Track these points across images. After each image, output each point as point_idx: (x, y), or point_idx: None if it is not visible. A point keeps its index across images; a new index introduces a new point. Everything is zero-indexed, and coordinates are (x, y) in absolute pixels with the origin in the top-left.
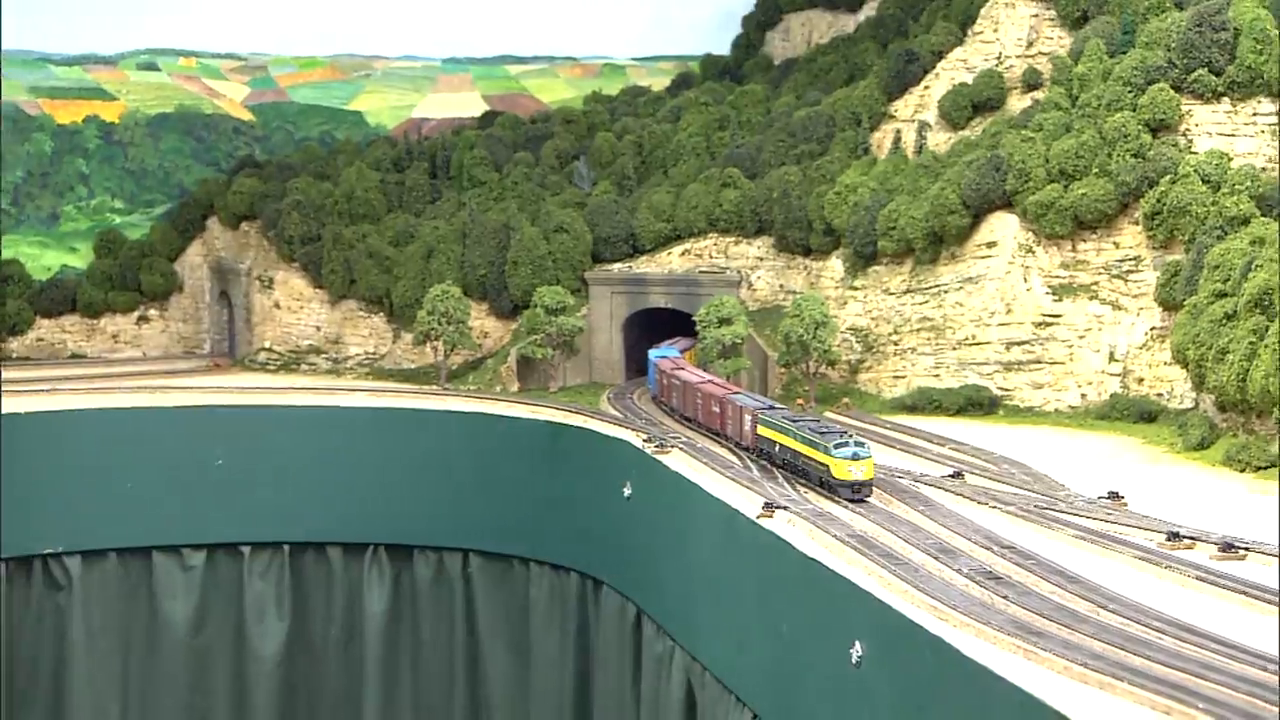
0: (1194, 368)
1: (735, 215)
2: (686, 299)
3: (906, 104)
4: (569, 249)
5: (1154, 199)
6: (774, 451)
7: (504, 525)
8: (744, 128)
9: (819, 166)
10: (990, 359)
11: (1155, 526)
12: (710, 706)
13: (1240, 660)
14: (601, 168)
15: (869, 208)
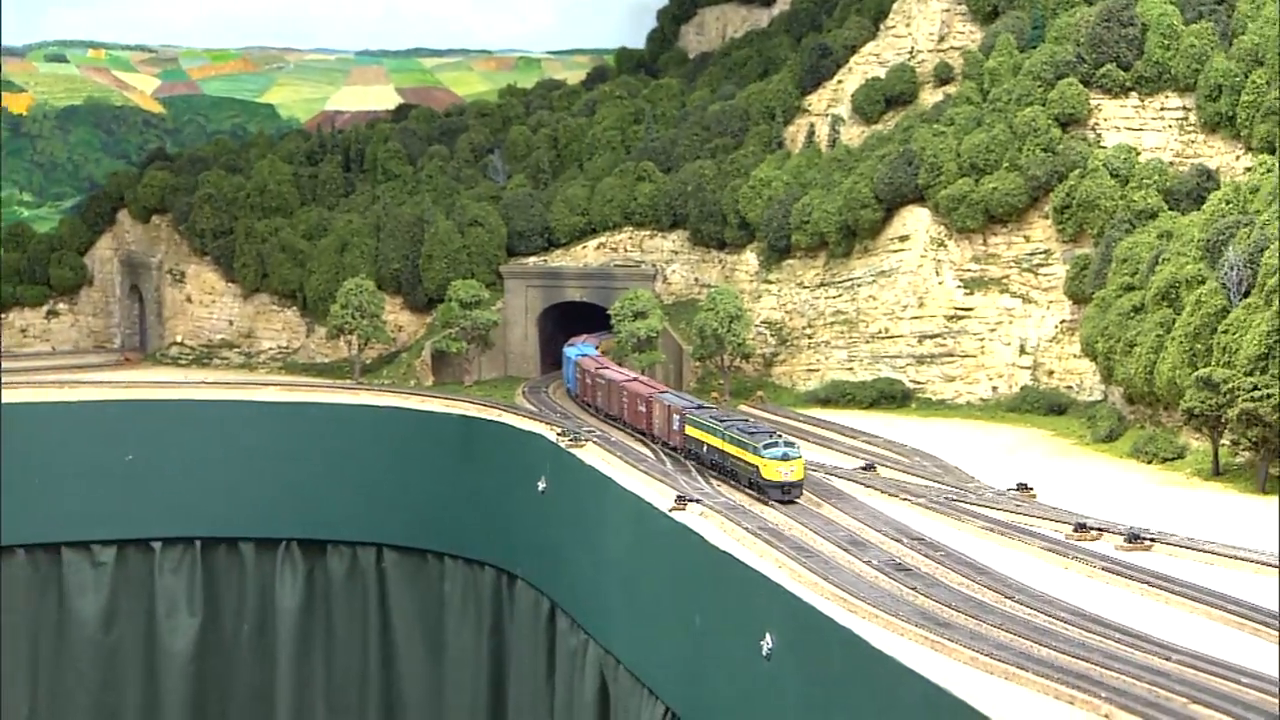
0: (1102, 360)
1: (650, 209)
2: (602, 292)
3: (820, 98)
4: (484, 242)
5: (1063, 193)
6: (702, 452)
7: (418, 520)
8: (659, 121)
9: (733, 160)
10: (903, 352)
11: (1063, 518)
12: (623, 700)
13: (1143, 650)
14: (516, 161)
15: (783, 201)
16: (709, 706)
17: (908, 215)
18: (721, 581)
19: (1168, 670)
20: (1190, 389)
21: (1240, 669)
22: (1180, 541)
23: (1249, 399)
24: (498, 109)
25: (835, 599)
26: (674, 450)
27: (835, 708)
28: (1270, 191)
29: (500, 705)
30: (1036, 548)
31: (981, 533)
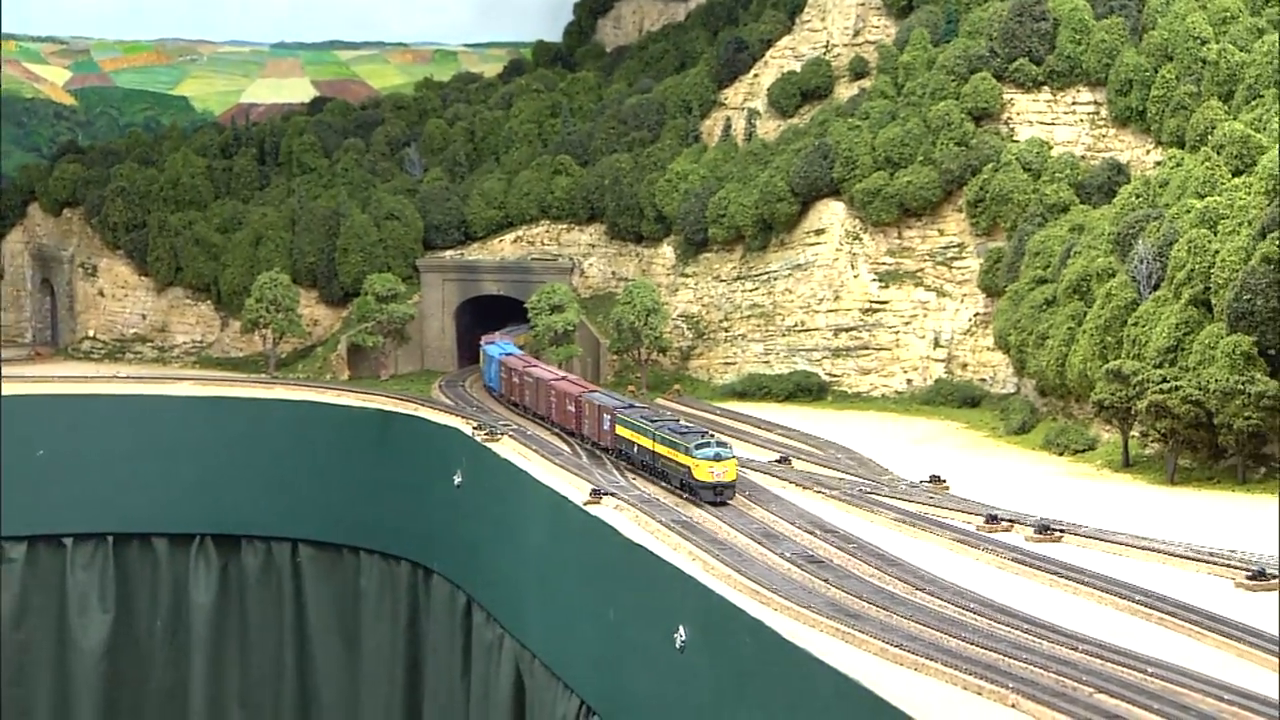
0: (1015, 353)
1: (567, 202)
2: (519, 286)
3: (736, 92)
4: (400, 236)
5: (977, 187)
6: (633, 453)
7: (334, 514)
8: (576, 115)
9: (650, 154)
10: (819, 345)
11: (974, 510)
12: (538, 694)
13: (1051, 640)
14: (433, 154)
15: (699, 195)
16: (623, 699)
17: (823, 209)
18: (636, 575)
19: (1074, 660)
20: (1100, 381)
21: (1146, 658)
22: (1089, 533)
23: (1158, 391)
24: (414, 102)
25: (748, 591)
26: (604, 451)
27: (748, 699)
28: (1179, 185)
29: (416, 700)
30: (948, 539)
31: (894, 525)
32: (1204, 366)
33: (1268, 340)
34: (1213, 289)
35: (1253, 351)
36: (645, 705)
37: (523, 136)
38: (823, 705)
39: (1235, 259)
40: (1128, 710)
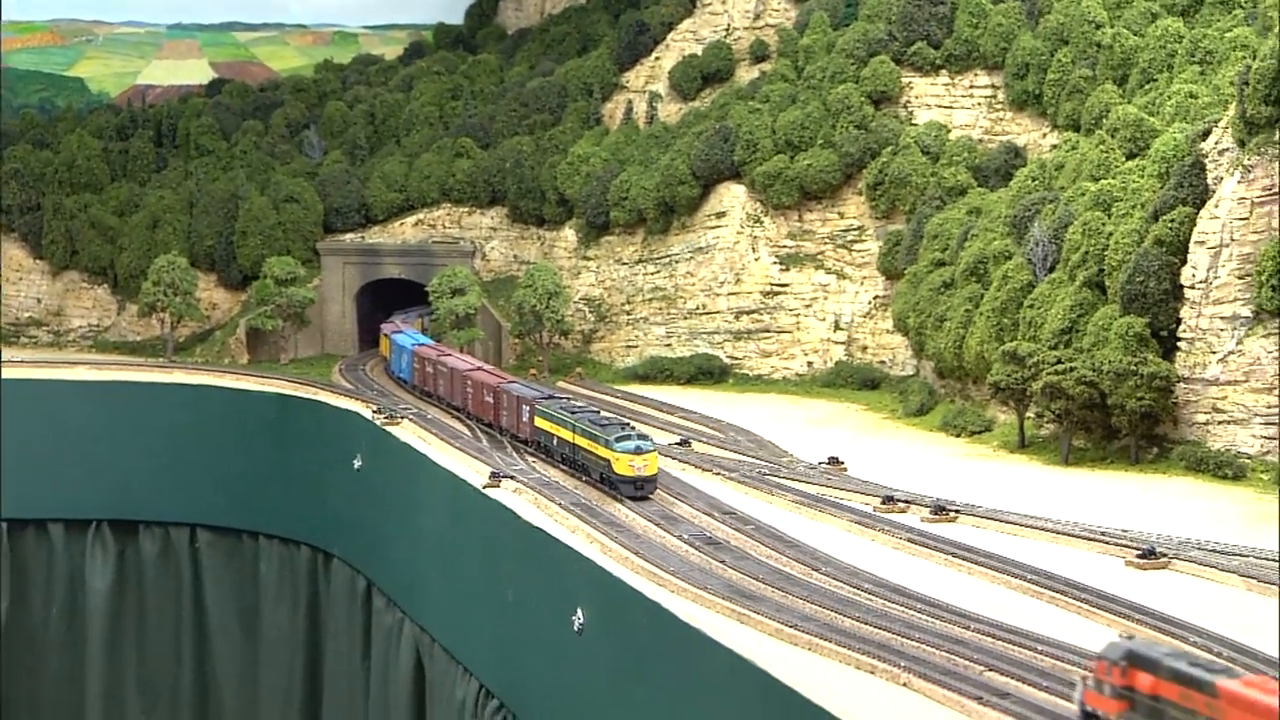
0: (914, 335)
1: (468, 185)
2: (420, 269)
3: (638, 75)
4: (300, 219)
5: (876, 170)
6: (552, 445)
7: (232, 499)
8: (477, 98)
9: (552, 137)
10: (720, 328)
11: (872, 491)
12: (438, 677)
13: (944, 619)
14: (333, 137)
15: (601, 178)
16: (521, 682)
17: (724, 192)
18: (534, 557)
19: (966, 639)
20: (997, 363)
21: (1037, 637)
22: (984, 513)
23: (1053, 372)
24: (314, 84)
25: (645, 574)
26: (523, 443)
27: (644, 680)
28: (1074, 168)
29: (315, 685)
30: (845, 521)
31: (792, 506)
32: (1098, 348)
33: (1160, 322)
34: (1107, 271)
35: (1145, 333)
36: (543, 687)
37: (423, 119)
38: (718, 685)
39: (1128, 241)
40: (1017, 688)
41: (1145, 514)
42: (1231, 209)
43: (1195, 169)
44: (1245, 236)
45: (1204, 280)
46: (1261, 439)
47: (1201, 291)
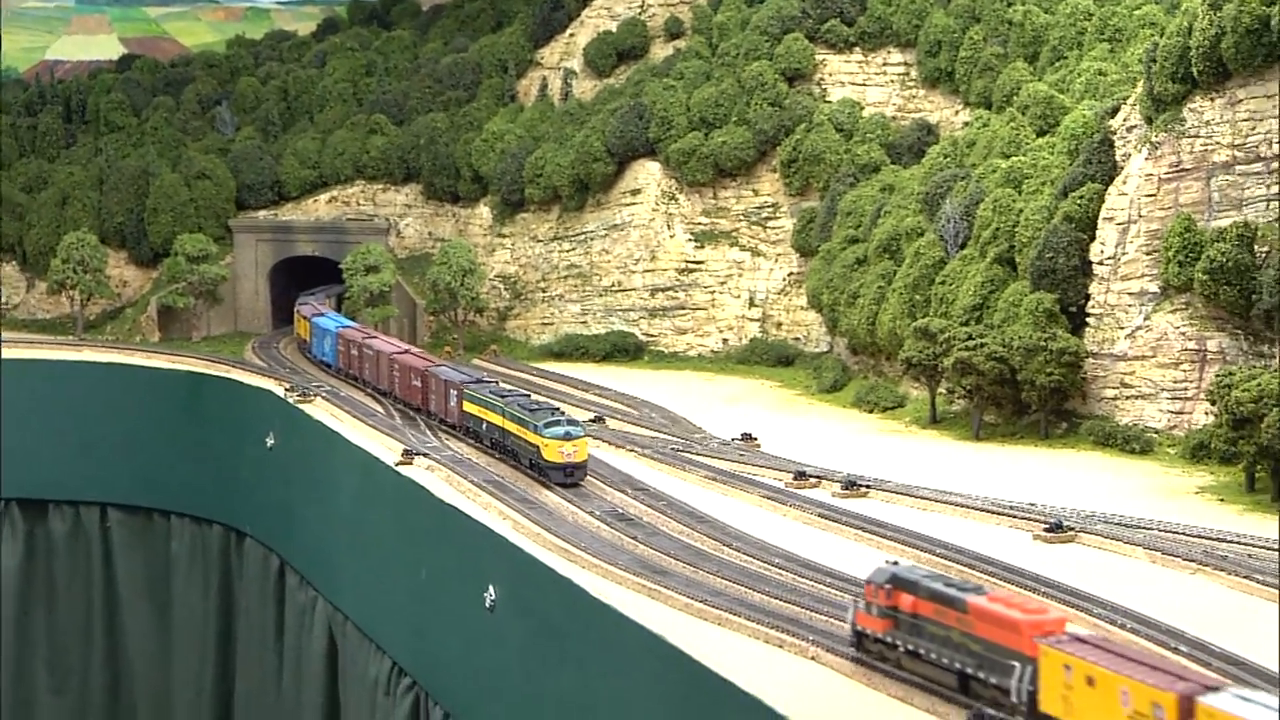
0: (828, 312)
1: (383, 162)
2: (334, 247)
3: (552, 51)
4: (212, 196)
5: (790, 147)
6: (481, 430)
7: (144, 478)
8: (391, 74)
9: (466, 113)
10: (635, 305)
11: (784, 466)
12: (351, 656)
13: (852, 594)
14: (245, 113)
15: (516, 155)
16: (434, 660)
17: (639, 169)
18: (447, 535)
19: None
20: (909, 339)
21: None
22: (895, 488)
23: (964, 348)
24: (226, 60)
25: (557, 550)
26: (452, 428)
27: (556, 657)
28: (986, 145)
29: (228, 664)
30: (757, 496)
31: (704, 482)
32: (1008, 324)
33: (1069, 298)
34: (1017, 248)
35: (1054, 309)
36: (455, 665)
37: (337, 95)
38: (629, 661)
39: (1038, 218)
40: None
41: (1054, 488)
42: (1139, 186)
43: (1104, 146)
44: (1153, 213)
45: (1112, 256)
46: (1168, 413)
47: (1110, 267)
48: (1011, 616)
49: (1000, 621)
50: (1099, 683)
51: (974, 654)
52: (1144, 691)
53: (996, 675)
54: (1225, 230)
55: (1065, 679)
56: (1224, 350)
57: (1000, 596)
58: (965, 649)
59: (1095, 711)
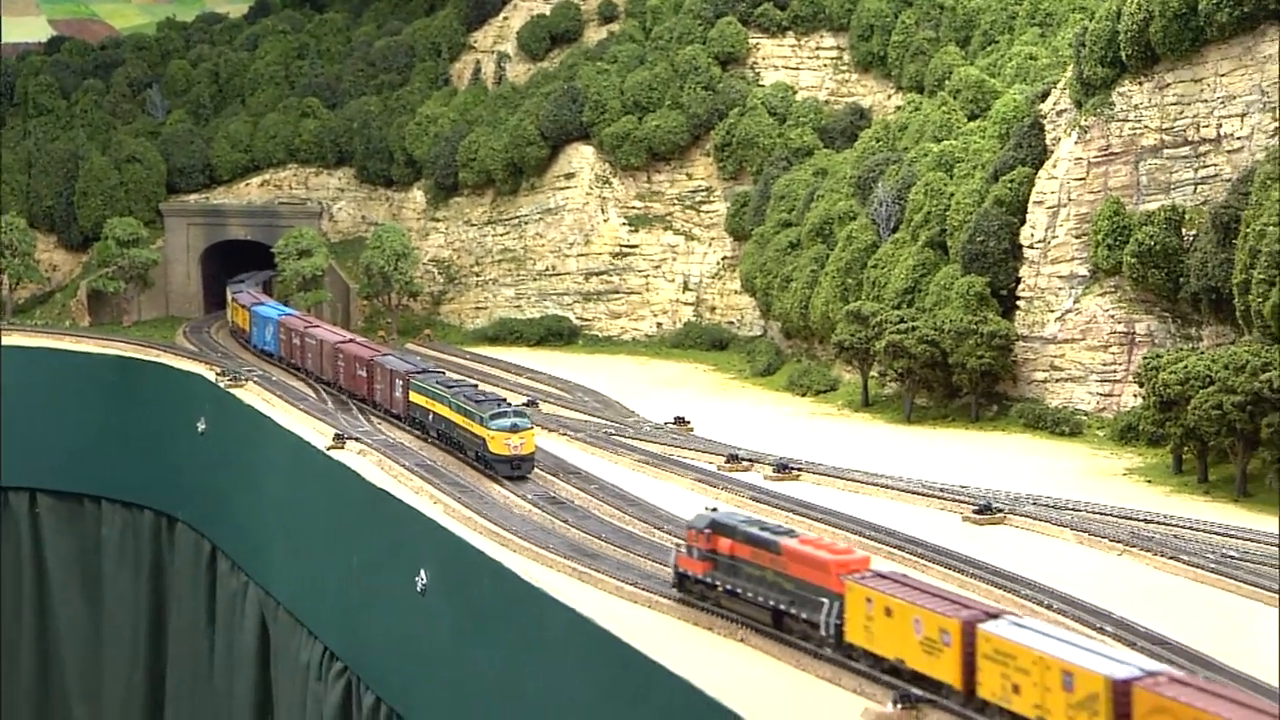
0: (761, 296)
1: (315, 146)
2: (266, 230)
3: (486, 35)
4: (142, 179)
5: (724, 131)
6: (428, 421)
7: (73, 463)
8: (323, 57)
9: (399, 97)
10: (570, 289)
11: (717, 450)
12: (283, 641)
13: None
14: (176, 96)
15: (449, 139)
16: (365, 644)
17: (573, 153)
18: (378, 519)
19: None
20: (841, 323)
21: None
22: (826, 471)
23: (895, 332)
24: (156, 42)
25: (488, 533)
26: (398, 419)
27: (486, 640)
28: (918, 129)
29: (160, 650)
30: (689, 479)
31: (637, 466)
32: (940, 307)
33: (1000, 281)
34: (948, 231)
35: (985, 292)
36: (387, 649)
37: (269, 79)
38: (558, 644)
39: (969, 202)
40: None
41: (984, 470)
42: (1069, 169)
43: (1034, 130)
44: (1082, 196)
45: (1042, 240)
46: (1097, 396)
47: (1040, 251)
48: (820, 557)
49: (810, 561)
50: (896, 613)
51: (787, 592)
52: (934, 619)
53: (807, 611)
54: (1153, 214)
55: (867, 611)
56: (1152, 333)
57: (810, 539)
58: (779, 587)
59: (893, 639)
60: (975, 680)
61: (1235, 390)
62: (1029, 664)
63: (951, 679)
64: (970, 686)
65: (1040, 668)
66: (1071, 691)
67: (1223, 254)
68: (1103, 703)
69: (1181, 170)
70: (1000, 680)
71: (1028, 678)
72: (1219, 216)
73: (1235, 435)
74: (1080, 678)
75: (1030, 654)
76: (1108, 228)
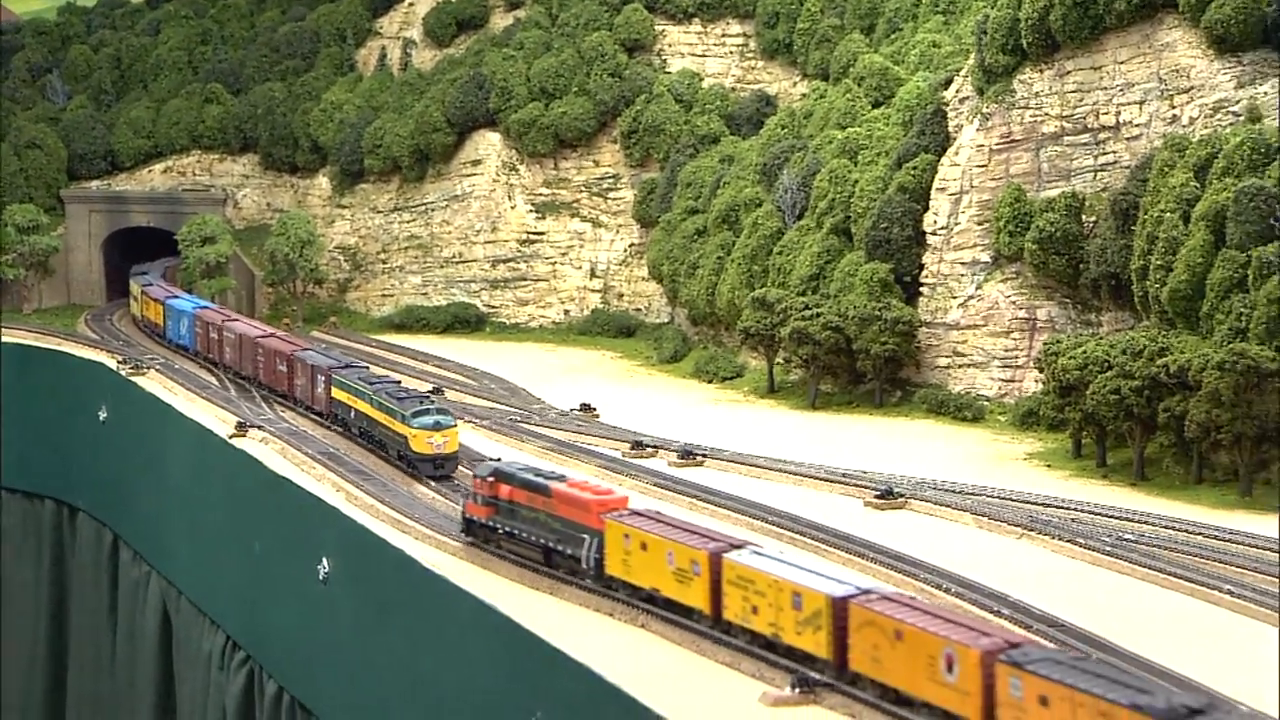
0: (668, 283)
1: (219, 132)
2: (170, 218)
3: (391, 21)
4: (42, 166)
5: (630, 118)
6: (350, 418)
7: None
8: (227, 42)
9: (304, 83)
10: (477, 276)
11: (622, 437)
12: (185, 630)
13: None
14: (77, 82)
15: (355, 125)
16: (267, 633)
17: (480, 140)
18: (280, 507)
19: None
20: (747, 309)
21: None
22: (730, 457)
23: (800, 318)
24: (56, 27)
25: (390, 522)
26: (320, 416)
27: (389, 628)
28: (822, 117)
29: (61, 641)
30: (593, 466)
31: (542, 452)
32: (844, 294)
33: (903, 267)
34: (853, 218)
35: (889, 279)
36: (288, 638)
37: (172, 64)
38: (461, 632)
39: (873, 189)
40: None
41: (887, 456)
42: (971, 156)
43: (937, 117)
44: (984, 183)
45: (945, 227)
46: (999, 381)
47: (943, 237)
48: (583, 498)
49: (574, 502)
50: (650, 547)
51: (555, 530)
52: (684, 552)
53: (572, 547)
54: (1054, 200)
55: (625, 546)
56: (1053, 319)
57: (578, 482)
58: (549, 527)
59: (648, 571)
60: (721, 604)
61: (1133, 375)
62: (765, 587)
63: (701, 604)
64: (717, 610)
65: (774, 590)
66: (800, 610)
67: (1121, 240)
68: (825, 618)
69: (1081, 157)
70: (742, 603)
71: (764, 599)
72: (1118, 203)
73: (1133, 420)
74: (807, 597)
75: (766, 578)
76: (1009, 214)
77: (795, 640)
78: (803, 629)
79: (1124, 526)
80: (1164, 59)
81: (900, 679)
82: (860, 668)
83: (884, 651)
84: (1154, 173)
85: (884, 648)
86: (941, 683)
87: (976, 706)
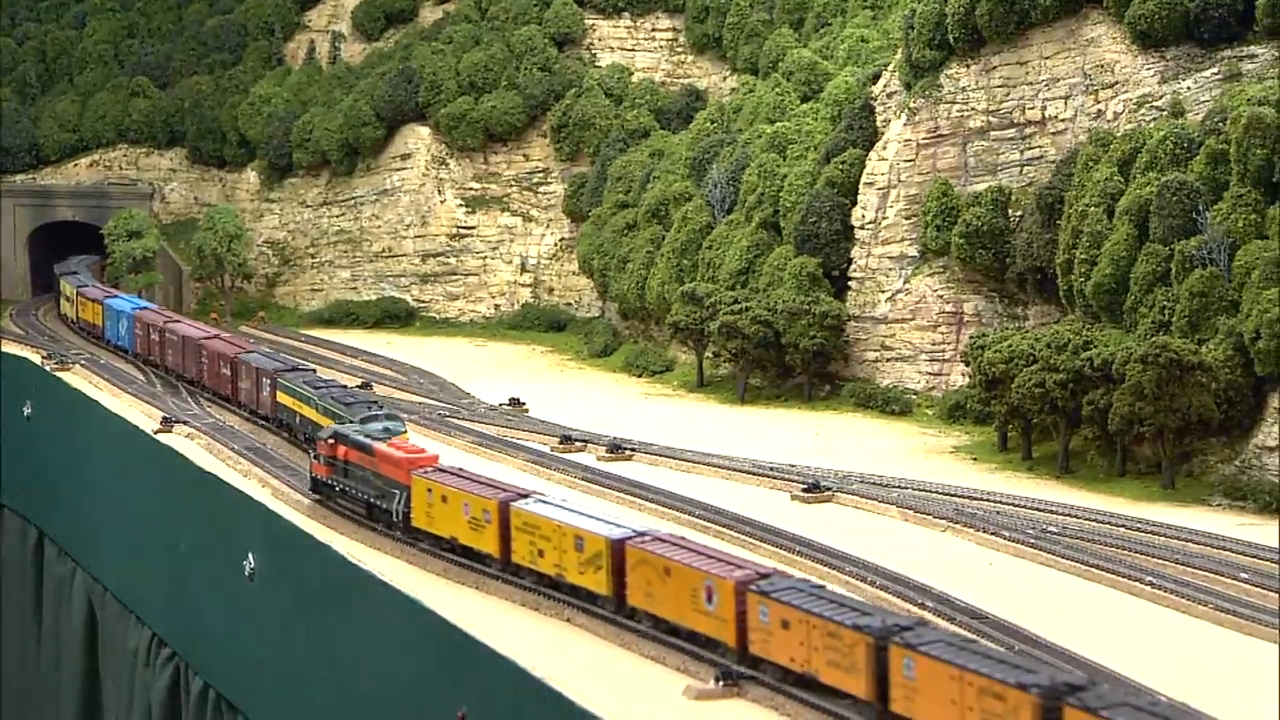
0: (599, 277)
1: (146, 126)
2: (96, 212)
3: (320, 14)
4: None
5: (560, 112)
6: (295, 423)
7: None
8: (154, 35)
9: (232, 76)
10: (406, 271)
11: (551, 431)
12: (110, 627)
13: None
14: (1, 74)
15: (283, 119)
16: (193, 630)
17: (409, 134)
18: (206, 503)
19: None
20: (676, 303)
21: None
22: (658, 451)
23: (729, 312)
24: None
25: (316, 517)
26: (265, 420)
27: (315, 624)
28: (752, 111)
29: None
30: (521, 460)
31: (469, 447)
32: (773, 288)
33: (832, 261)
34: (781, 212)
35: (818, 273)
36: (215, 634)
37: (98, 57)
38: (389, 628)
39: (802, 183)
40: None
41: (815, 449)
42: (898, 151)
43: (865, 112)
44: (912, 178)
45: (873, 221)
46: (927, 375)
47: (871, 232)
48: (397, 456)
49: (390, 460)
50: (450, 500)
51: (377, 487)
52: (478, 502)
53: (387, 501)
54: (980, 195)
55: (428, 499)
56: (980, 313)
57: (397, 443)
58: (371, 484)
59: (447, 521)
60: (511, 549)
61: (1057, 369)
62: (550, 532)
63: (492, 549)
64: (506, 554)
65: (559, 534)
66: (582, 551)
67: (1047, 234)
68: (604, 558)
69: (1008, 152)
70: (529, 547)
71: (549, 543)
72: (1043, 198)
73: (1057, 413)
74: (588, 540)
75: (550, 524)
76: (936, 209)
77: (578, 579)
78: (585, 569)
79: (1048, 518)
80: (1089, 54)
81: (670, 611)
82: (636, 602)
83: (656, 587)
84: (1079, 167)
85: (656, 583)
86: (704, 612)
87: (731, 631)
